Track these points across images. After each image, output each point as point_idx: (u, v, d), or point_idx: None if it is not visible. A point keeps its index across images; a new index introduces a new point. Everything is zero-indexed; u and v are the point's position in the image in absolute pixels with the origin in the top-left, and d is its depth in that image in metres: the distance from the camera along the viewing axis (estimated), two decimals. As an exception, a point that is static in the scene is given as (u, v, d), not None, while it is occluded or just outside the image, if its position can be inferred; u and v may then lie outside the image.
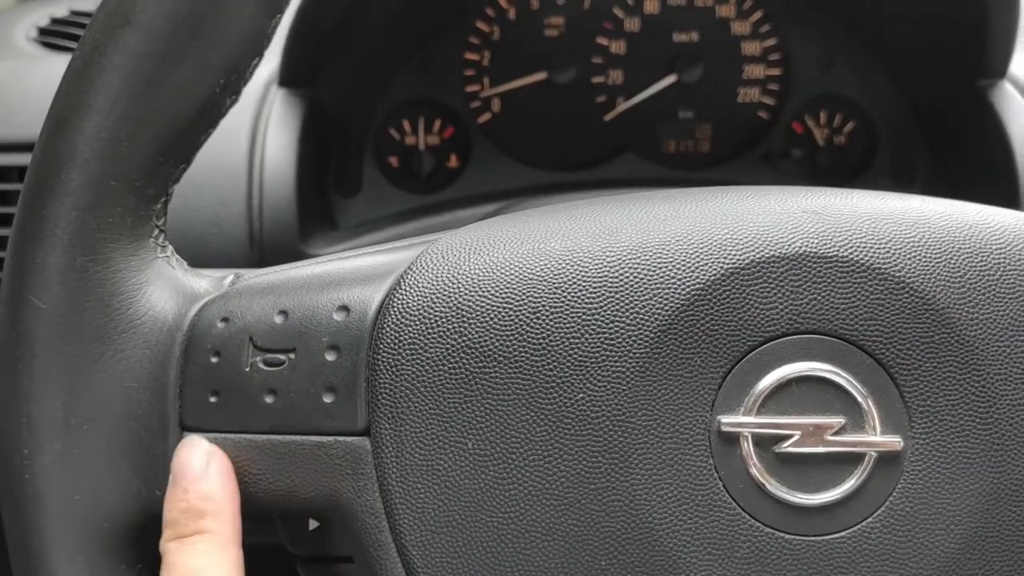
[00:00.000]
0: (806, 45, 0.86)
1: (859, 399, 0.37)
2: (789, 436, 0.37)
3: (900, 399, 0.37)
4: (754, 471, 0.37)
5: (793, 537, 0.37)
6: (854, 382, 0.37)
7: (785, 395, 0.37)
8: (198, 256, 0.49)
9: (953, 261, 0.38)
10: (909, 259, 0.38)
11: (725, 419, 0.37)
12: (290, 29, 0.73)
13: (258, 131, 0.73)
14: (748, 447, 0.37)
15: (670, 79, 0.86)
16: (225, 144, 0.72)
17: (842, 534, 0.37)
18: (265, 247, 0.71)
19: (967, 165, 0.80)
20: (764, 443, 0.37)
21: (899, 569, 0.37)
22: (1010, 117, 0.75)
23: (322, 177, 0.80)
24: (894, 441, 0.37)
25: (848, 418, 0.37)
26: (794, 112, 0.87)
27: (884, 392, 0.37)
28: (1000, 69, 0.77)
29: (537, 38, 0.85)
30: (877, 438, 0.37)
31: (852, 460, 0.37)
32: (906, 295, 0.37)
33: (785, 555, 0.37)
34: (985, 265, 0.38)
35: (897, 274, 0.38)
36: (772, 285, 0.37)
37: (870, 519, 0.37)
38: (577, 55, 0.85)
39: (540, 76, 0.86)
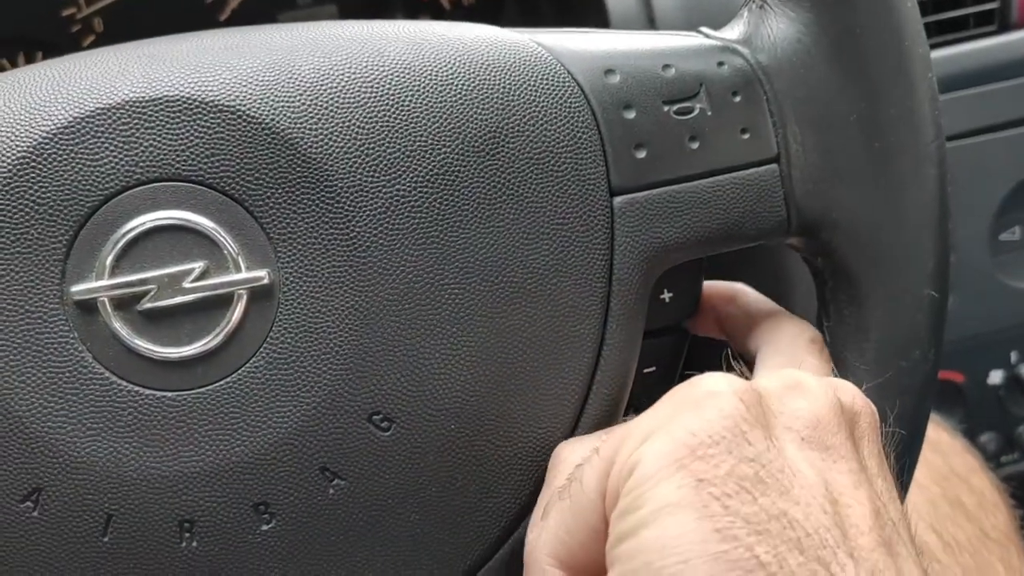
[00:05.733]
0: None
1: (217, 240, 0.36)
2: (148, 292, 0.36)
3: (261, 232, 0.36)
4: (122, 335, 0.36)
5: (177, 394, 0.36)
6: (209, 223, 0.36)
7: (140, 251, 0.36)
8: None
9: (286, 81, 0.37)
10: (241, 87, 0.37)
11: (76, 287, 0.35)
12: None
13: None
14: (109, 312, 0.35)
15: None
16: None
17: (228, 379, 0.36)
18: None
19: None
20: (125, 304, 0.36)
21: (292, 400, 0.36)
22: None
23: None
24: (260, 275, 0.36)
25: (211, 261, 0.36)
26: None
27: (242, 228, 0.36)
28: None
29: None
30: (241, 275, 0.36)
31: (222, 303, 0.36)
32: (242, 123, 0.36)
33: (172, 413, 0.36)
34: (323, 80, 0.37)
35: (230, 104, 0.36)
36: (102, 139, 0.36)
37: (254, 358, 0.36)
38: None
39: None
